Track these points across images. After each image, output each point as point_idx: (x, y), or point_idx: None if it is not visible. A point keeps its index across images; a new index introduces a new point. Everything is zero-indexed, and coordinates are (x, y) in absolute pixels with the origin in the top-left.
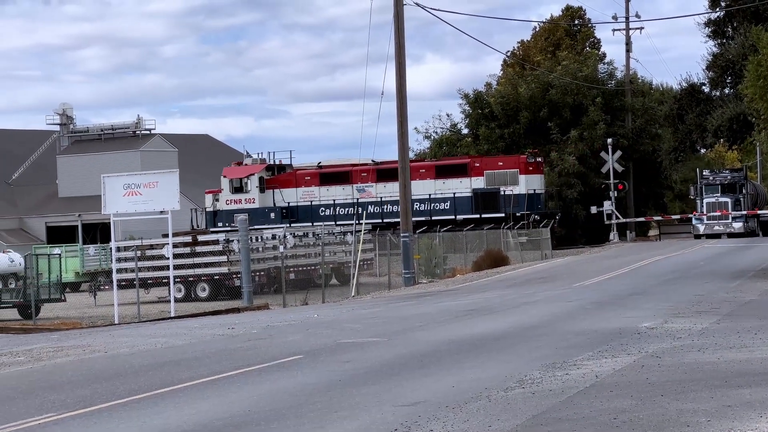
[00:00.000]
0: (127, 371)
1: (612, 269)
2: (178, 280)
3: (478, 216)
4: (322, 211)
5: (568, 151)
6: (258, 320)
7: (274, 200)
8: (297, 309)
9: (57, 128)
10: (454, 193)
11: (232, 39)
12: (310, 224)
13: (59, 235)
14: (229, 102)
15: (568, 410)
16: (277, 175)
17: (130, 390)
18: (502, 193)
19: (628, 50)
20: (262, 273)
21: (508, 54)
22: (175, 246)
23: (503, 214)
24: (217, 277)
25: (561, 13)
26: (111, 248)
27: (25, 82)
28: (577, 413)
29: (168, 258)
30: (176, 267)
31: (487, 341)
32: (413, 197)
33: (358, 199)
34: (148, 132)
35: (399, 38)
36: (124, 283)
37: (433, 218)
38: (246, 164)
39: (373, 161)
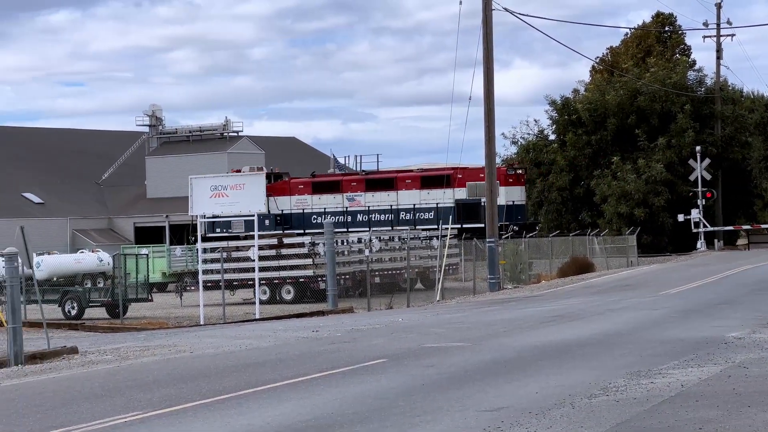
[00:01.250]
0: (212, 372)
1: (699, 278)
2: (264, 282)
3: (459, 226)
4: (314, 218)
5: (656, 158)
6: (342, 323)
7: (268, 208)
8: (382, 313)
9: (146, 129)
10: (437, 204)
11: (320, 42)
12: (302, 231)
13: (147, 235)
14: (318, 105)
15: (653, 419)
16: (273, 183)
17: (214, 390)
18: (483, 204)
19: (719, 57)
20: (348, 276)
21: (597, 60)
22: (260, 248)
23: (483, 225)
24: (302, 279)
25: (651, 20)
26: (197, 249)
27: (117, 83)
28: (662, 422)
29: (253, 260)
30: (262, 269)
31: (571, 348)
32: (400, 207)
33: (347, 207)
34: (235, 134)
35: (487, 43)
36: (209, 284)
37: (417, 227)
38: (244, 171)
39: (363, 171)
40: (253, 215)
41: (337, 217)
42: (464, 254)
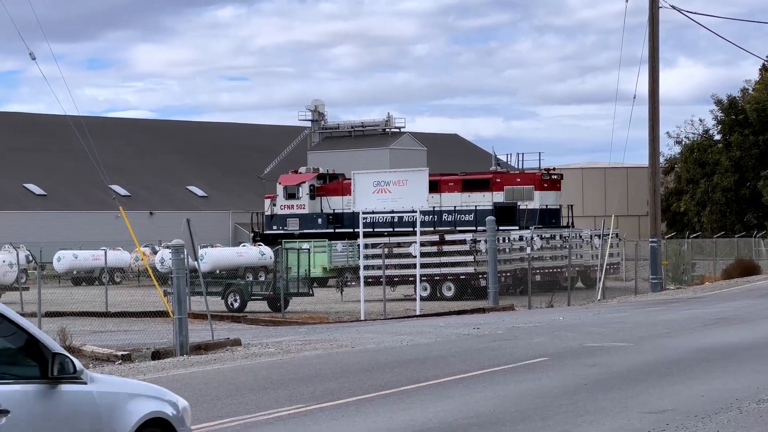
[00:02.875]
0: (373, 367)
1: None
2: (424, 278)
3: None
4: (364, 218)
5: None
6: (503, 321)
7: (321, 207)
8: (542, 311)
9: (308, 124)
10: (476, 206)
11: (483, 39)
12: (352, 230)
13: None
14: (479, 102)
15: None
16: (327, 183)
17: (376, 385)
18: (519, 207)
19: None
20: (508, 274)
21: (767, 58)
22: (422, 245)
23: (518, 227)
24: (463, 276)
25: None
26: (359, 245)
27: (280, 78)
28: None
29: (415, 256)
30: (423, 265)
31: (737, 351)
32: (442, 208)
33: (393, 208)
34: (397, 130)
35: (653, 41)
36: (370, 279)
37: (458, 228)
38: (300, 172)
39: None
40: (415, 211)
41: (384, 217)
42: (625, 254)
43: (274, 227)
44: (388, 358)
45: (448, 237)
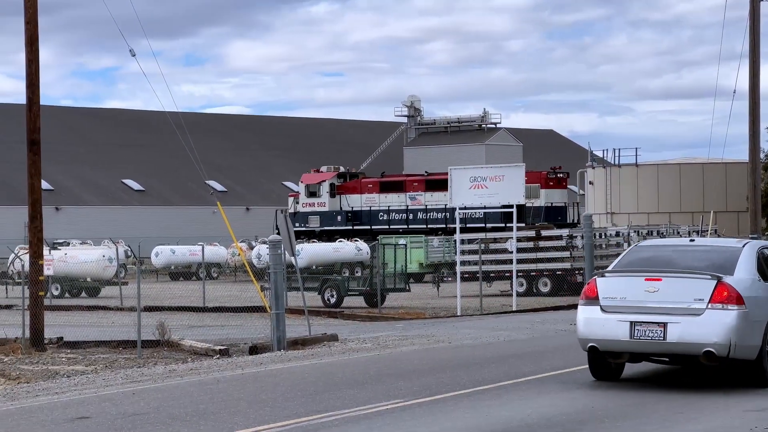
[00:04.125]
0: (471, 362)
1: None
2: (521, 274)
3: (503, 225)
4: (381, 216)
5: None
6: None
7: (341, 205)
8: None
9: (405, 120)
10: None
11: (577, 35)
12: (369, 227)
13: None
14: (573, 98)
15: None
16: (346, 182)
17: (473, 381)
18: (525, 205)
19: None
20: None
21: None
22: (518, 240)
23: (523, 225)
24: (559, 272)
25: None
26: (455, 241)
27: (374, 74)
28: None
29: (511, 252)
30: (519, 261)
31: None
32: (452, 206)
33: (408, 206)
34: (493, 126)
35: (754, 35)
36: (466, 275)
37: (468, 225)
38: (321, 171)
39: (426, 173)
40: (512, 206)
41: (400, 215)
42: None
43: (297, 224)
44: (485, 354)
45: (544, 232)
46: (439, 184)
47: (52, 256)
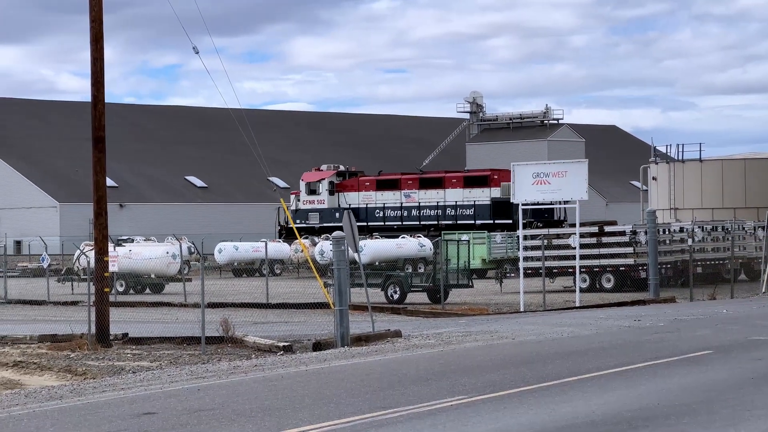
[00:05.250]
0: (534, 359)
1: None
2: (584, 270)
3: (492, 222)
4: (377, 213)
5: None
6: (664, 313)
7: (339, 202)
8: (704, 303)
9: (467, 116)
10: (474, 201)
11: (641, 30)
12: (366, 224)
13: None
14: (637, 93)
15: None
16: (345, 180)
17: (538, 377)
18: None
19: None
20: (669, 266)
21: None
22: (581, 236)
23: (511, 221)
24: (622, 268)
25: None
26: (518, 237)
27: (437, 70)
28: None
29: (574, 248)
30: (582, 257)
31: None
32: (445, 204)
33: (402, 203)
34: (555, 122)
35: None
36: (529, 271)
37: (458, 222)
38: (321, 169)
39: (420, 170)
40: (575, 202)
41: (395, 212)
42: None
43: (297, 221)
44: (549, 350)
45: (607, 228)
46: (432, 182)
47: (117, 252)
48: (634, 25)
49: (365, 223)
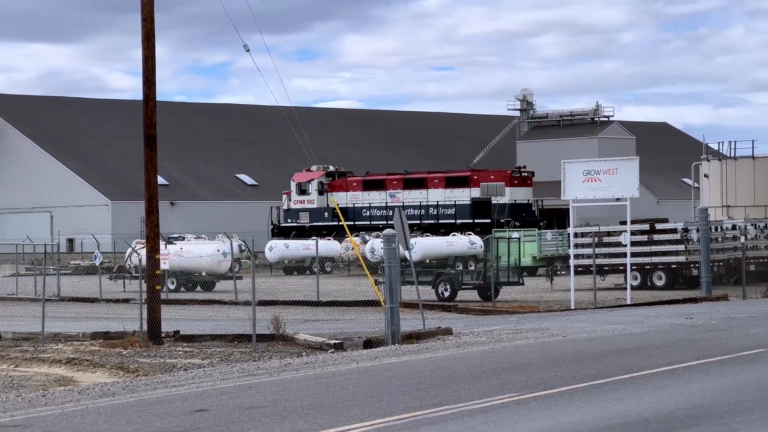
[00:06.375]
0: (586, 356)
1: None
2: (635, 267)
3: (471, 221)
4: (363, 212)
5: None
6: (717, 311)
7: (327, 202)
8: (757, 301)
9: (517, 114)
10: (455, 201)
11: (692, 26)
12: (353, 223)
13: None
14: (688, 90)
15: None
16: (334, 180)
17: (589, 375)
18: (492, 202)
19: None
20: (721, 263)
21: None
22: (632, 233)
23: (489, 221)
24: (674, 266)
25: None
26: (569, 234)
27: (485, 67)
28: None
29: (625, 245)
30: (633, 254)
31: None
32: (429, 203)
33: (387, 203)
34: (605, 119)
35: None
36: (580, 268)
37: (440, 221)
38: (311, 170)
39: (405, 171)
40: (626, 200)
41: (381, 211)
42: None
43: (288, 220)
44: (600, 348)
45: (658, 226)
46: (415, 182)
47: (168, 250)
48: (685, 21)
49: (353, 222)
